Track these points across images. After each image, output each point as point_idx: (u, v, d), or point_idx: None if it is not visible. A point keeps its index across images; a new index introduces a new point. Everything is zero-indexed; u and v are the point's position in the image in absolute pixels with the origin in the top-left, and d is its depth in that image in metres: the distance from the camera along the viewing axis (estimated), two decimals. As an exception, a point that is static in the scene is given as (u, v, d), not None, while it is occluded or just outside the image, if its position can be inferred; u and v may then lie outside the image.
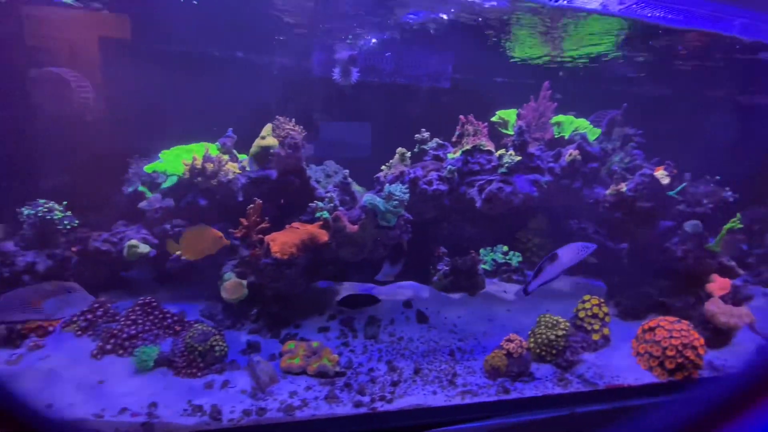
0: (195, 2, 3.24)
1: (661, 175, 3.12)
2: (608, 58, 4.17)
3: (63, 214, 3.07)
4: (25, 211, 3.04)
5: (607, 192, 3.28)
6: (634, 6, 2.45)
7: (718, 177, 3.73)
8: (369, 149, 4.43)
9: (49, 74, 3.56)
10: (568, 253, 2.74)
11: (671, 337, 2.95)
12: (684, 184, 3.35)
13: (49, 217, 2.99)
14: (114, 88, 3.99)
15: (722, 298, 3.41)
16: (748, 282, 4.49)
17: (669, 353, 2.90)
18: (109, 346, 2.65)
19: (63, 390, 2.34)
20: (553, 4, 2.64)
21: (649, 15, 2.56)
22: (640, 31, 3.56)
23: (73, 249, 3.10)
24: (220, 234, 2.95)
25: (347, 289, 3.94)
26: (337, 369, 2.72)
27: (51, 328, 2.74)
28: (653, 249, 3.42)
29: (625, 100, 3.77)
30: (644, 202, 3.16)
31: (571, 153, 3.23)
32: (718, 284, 3.50)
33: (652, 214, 3.21)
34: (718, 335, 3.25)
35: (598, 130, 3.73)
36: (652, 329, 3.08)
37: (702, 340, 2.93)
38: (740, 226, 3.45)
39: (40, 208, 3.00)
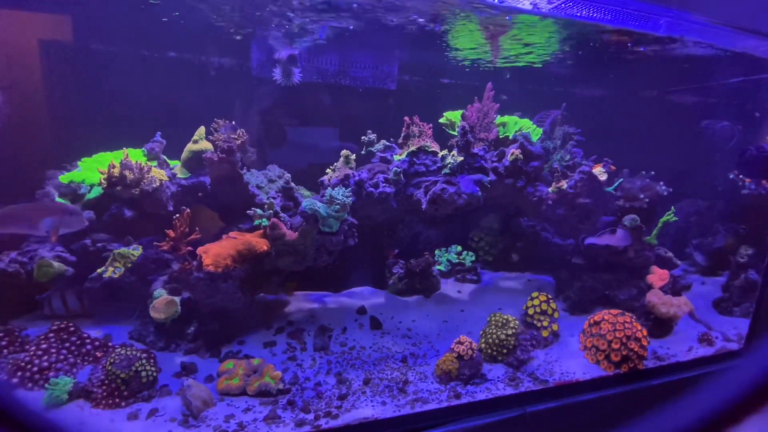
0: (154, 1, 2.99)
1: (599, 171, 3.20)
2: (543, 60, 4.28)
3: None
4: None
5: (549, 189, 3.32)
6: (563, 5, 2.49)
7: (653, 172, 3.89)
8: (318, 151, 4.29)
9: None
10: (622, 235, 3.18)
11: (615, 330, 3.01)
12: (621, 180, 3.46)
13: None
14: (33, 90, 3.62)
15: (662, 288, 3.54)
16: (686, 271, 4.74)
17: (614, 346, 2.95)
18: (15, 380, 2.34)
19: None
20: (489, 2, 2.64)
21: (578, 14, 2.62)
22: (575, 32, 3.68)
23: (-26, 272, 2.73)
24: (215, 214, 2.75)
25: (299, 299, 3.77)
26: (281, 386, 2.54)
27: (-58, 364, 2.39)
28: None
29: (566, 101, 3.86)
30: (584, 198, 3.22)
31: (513, 152, 3.24)
32: (658, 275, 3.63)
33: (592, 210, 3.27)
34: (660, 325, 3.36)
35: (541, 130, 3.80)
36: (597, 323, 3.12)
37: (645, 331, 3.01)
38: (675, 218, 3.60)
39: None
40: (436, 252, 4.43)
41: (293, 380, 2.66)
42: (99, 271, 2.72)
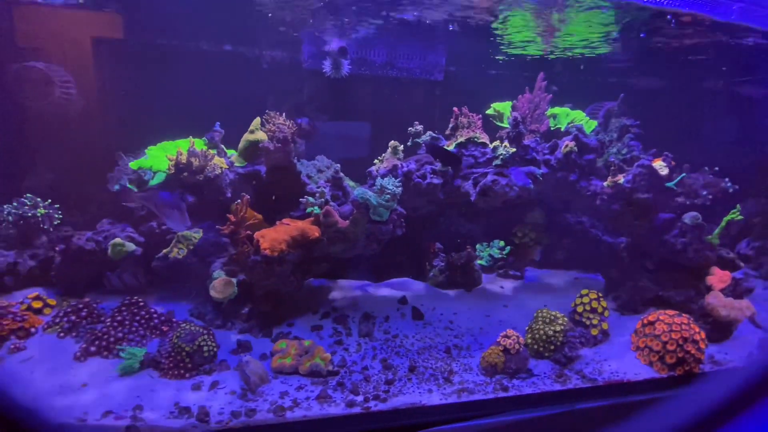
0: None
1: (660, 166, 3.06)
2: (602, 50, 4.10)
3: (47, 211, 2.97)
4: (7, 209, 2.94)
5: (605, 184, 3.21)
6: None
7: (716, 168, 3.67)
8: (362, 143, 4.35)
9: (32, 70, 3.46)
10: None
11: (671, 330, 2.89)
12: (683, 175, 3.28)
13: (30, 213, 2.89)
14: (101, 84, 3.89)
15: (722, 290, 3.35)
16: (748, 274, 4.45)
17: (669, 347, 2.84)
18: (93, 348, 2.57)
19: (44, 393, 2.26)
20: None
21: None
22: (636, 20, 3.50)
23: (56, 249, 3.00)
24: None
25: (342, 287, 3.87)
26: (330, 368, 2.64)
27: (33, 330, 2.65)
28: (652, 242, 3.35)
29: (621, 92, 3.70)
30: (642, 193, 3.09)
31: (567, 144, 3.15)
32: (718, 277, 3.44)
33: (650, 206, 3.14)
34: (718, 329, 3.19)
35: (595, 122, 3.66)
36: (651, 323, 3.01)
37: (703, 334, 2.87)
38: (740, 217, 3.39)
39: (24, 206, 2.90)
40: (478, 246, 4.38)
41: (341, 363, 2.75)
42: (165, 251, 2.91)
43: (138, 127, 3.81)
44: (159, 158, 3.07)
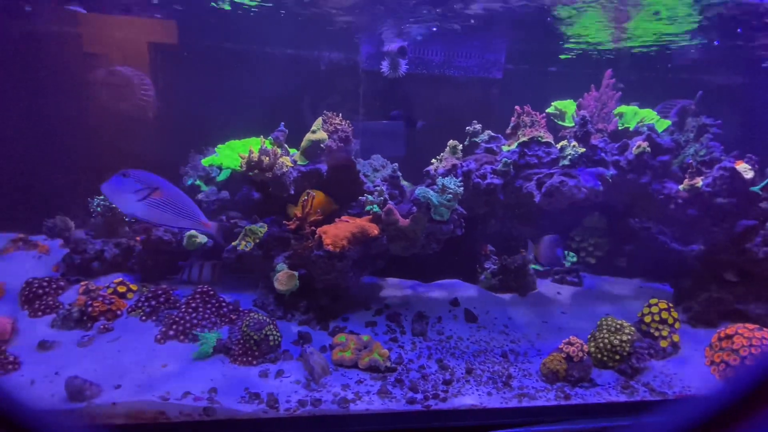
0: (253, 12, 3.31)
1: (744, 168, 2.83)
2: (680, 44, 3.84)
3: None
4: (96, 201, 3.23)
5: (680, 187, 3.02)
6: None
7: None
8: (415, 143, 4.36)
9: (116, 74, 3.77)
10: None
11: (751, 345, 2.69)
12: (769, 179, 3.03)
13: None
14: (171, 87, 4.17)
15: (812, 306, 3.06)
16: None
17: (749, 363, 2.65)
18: (171, 332, 2.76)
19: (131, 371, 2.46)
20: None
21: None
22: (715, 13, 3.26)
23: (137, 238, 3.25)
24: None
25: (392, 285, 3.91)
26: (388, 364, 2.68)
27: (119, 312, 2.89)
28: (730, 250, 3.12)
29: (694, 89, 3.46)
30: (723, 198, 2.88)
31: (639, 145, 3.00)
32: (807, 291, 3.15)
33: (731, 212, 2.92)
34: (807, 347, 2.92)
35: (667, 122, 3.45)
36: (729, 337, 2.81)
37: (788, 351, 2.65)
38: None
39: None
40: (532, 249, 4.27)
41: (398, 360, 2.78)
42: (234, 243, 3.08)
43: (203, 128, 4.05)
44: (229, 156, 3.24)
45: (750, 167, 2.85)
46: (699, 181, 2.86)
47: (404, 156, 4.28)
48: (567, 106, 3.70)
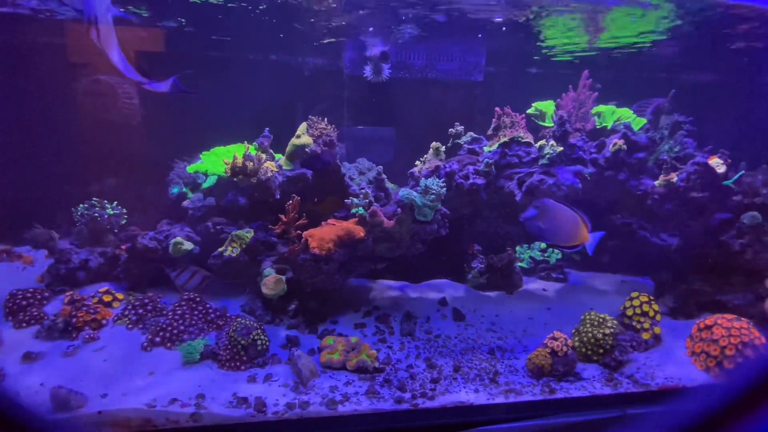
0: (253, 14, 3.32)
1: (716, 163, 2.93)
2: (645, 44, 3.96)
3: (115, 211, 3.23)
4: (80, 209, 3.21)
5: (656, 183, 3.11)
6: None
7: (777, 165, 3.46)
8: (399, 146, 4.41)
9: (99, 82, 3.76)
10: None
11: (730, 335, 2.77)
12: (741, 173, 3.13)
13: (99, 214, 3.14)
14: (153, 95, 4.16)
15: (786, 295, 3.16)
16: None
17: (728, 353, 2.72)
18: (158, 339, 2.75)
19: (117, 380, 2.45)
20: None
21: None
22: (688, 14, 3.37)
23: (122, 247, 3.24)
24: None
25: (381, 286, 3.94)
26: (376, 365, 2.70)
27: (104, 321, 2.88)
28: (707, 243, 3.21)
29: (670, 88, 3.57)
30: (697, 192, 2.97)
31: (615, 143, 3.08)
32: (782, 280, 3.24)
33: (706, 206, 3.01)
34: (782, 335, 3.01)
35: (643, 120, 3.55)
36: (708, 327, 2.89)
37: (763, 339, 2.73)
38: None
39: (95, 208, 3.17)
40: (518, 248, 4.33)
41: (386, 360, 2.81)
42: (220, 250, 3.08)
43: (187, 135, 4.05)
44: (213, 162, 3.25)
45: (722, 162, 2.95)
46: (674, 177, 2.95)
47: (389, 159, 4.34)
48: (547, 106, 3.78)
